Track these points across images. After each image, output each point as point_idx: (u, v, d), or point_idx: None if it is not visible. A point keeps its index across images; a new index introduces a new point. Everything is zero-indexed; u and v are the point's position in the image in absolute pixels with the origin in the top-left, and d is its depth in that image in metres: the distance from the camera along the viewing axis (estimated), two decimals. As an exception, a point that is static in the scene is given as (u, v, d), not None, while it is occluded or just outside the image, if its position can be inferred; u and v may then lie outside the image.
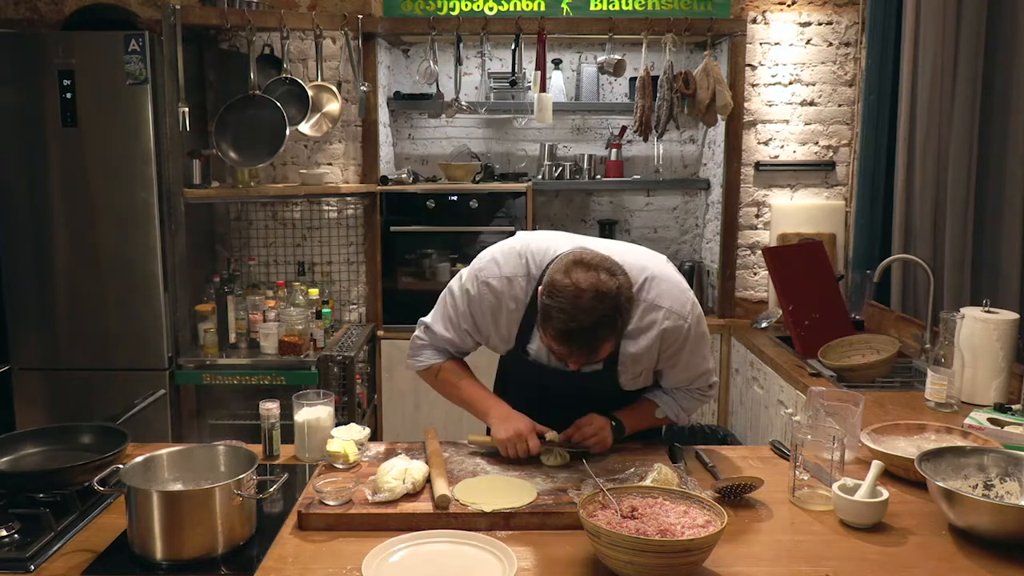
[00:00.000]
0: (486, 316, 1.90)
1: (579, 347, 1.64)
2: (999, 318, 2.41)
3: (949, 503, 1.52)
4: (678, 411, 2.01)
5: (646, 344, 1.83)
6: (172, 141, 3.37)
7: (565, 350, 1.67)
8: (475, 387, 2.00)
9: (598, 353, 1.68)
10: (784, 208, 3.91)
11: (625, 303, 1.66)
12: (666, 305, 1.82)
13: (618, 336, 1.70)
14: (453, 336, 1.96)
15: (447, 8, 3.79)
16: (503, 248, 1.92)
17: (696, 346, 1.89)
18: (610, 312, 1.62)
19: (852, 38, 3.81)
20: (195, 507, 1.44)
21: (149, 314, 3.41)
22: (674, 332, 1.83)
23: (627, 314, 1.68)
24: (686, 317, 1.83)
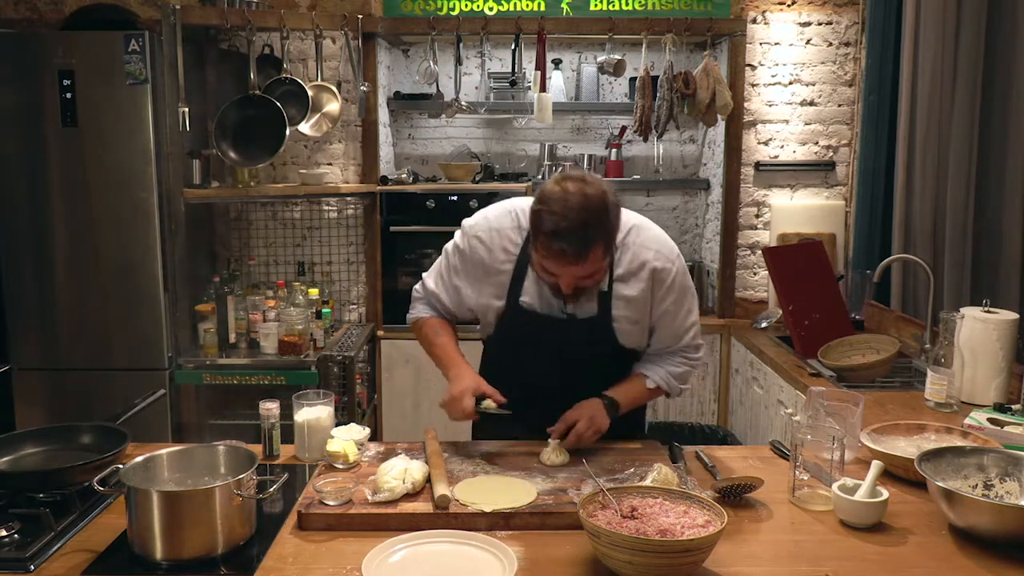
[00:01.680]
0: (478, 270, 1.96)
1: (570, 244, 1.67)
2: (999, 318, 2.41)
3: (949, 503, 1.52)
4: (668, 380, 2.01)
5: (639, 287, 1.90)
6: (172, 141, 3.37)
7: (557, 250, 1.68)
8: (449, 347, 2.03)
9: (588, 256, 1.69)
10: (784, 208, 3.91)
11: (612, 207, 1.73)
12: (654, 247, 1.91)
13: (607, 243, 1.73)
14: (443, 294, 2.04)
15: (447, 8, 3.79)
16: (495, 207, 2.00)
17: (682, 296, 1.96)
18: (598, 211, 1.69)
19: (852, 38, 3.81)
20: (195, 507, 1.44)
21: (149, 314, 3.41)
22: (663, 274, 1.90)
23: (615, 219, 1.74)
24: (673, 261, 1.93)
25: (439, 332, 2.05)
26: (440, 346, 2.03)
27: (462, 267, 1.99)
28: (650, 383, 2.01)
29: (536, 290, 1.91)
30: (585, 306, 1.91)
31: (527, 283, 1.92)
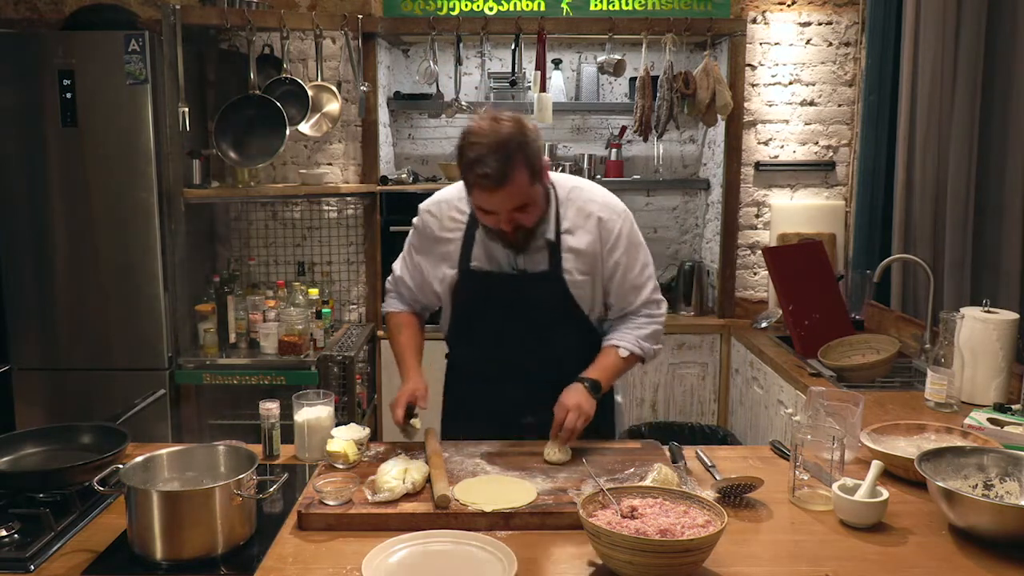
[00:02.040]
0: (431, 243, 2.03)
1: (490, 167, 1.73)
2: (999, 318, 2.41)
3: (949, 503, 1.52)
4: (639, 343, 2.01)
5: (587, 238, 1.95)
6: (172, 141, 3.37)
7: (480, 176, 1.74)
8: (405, 347, 2.09)
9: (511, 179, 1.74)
10: (784, 208, 3.91)
11: (531, 135, 1.79)
12: (600, 201, 1.99)
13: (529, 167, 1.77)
14: (406, 276, 2.12)
15: (447, 8, 3.79)
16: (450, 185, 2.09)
17: (634, 249, 2.01)
18: (514, 135, 1.76)
19: (852, 38, 3.81)
20: (195, 507, 1.44)
21: (149, 314, 3.41)
22: (609, 223, 1.97)
23: (535, 146, 1.80)
24: (620, 214, 1.99)
25: (401, 330, 2.13)
26: (399, 344, 2.11)
27: (419, 243, 2.08)
28: (623, 351, 2.00)
29: (485, 253, 1.97)
30: (535, 259, 1.95)
31: (476, 249, 1.98)
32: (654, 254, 4.42)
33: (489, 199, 1.79)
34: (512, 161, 1.75)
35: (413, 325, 2.15)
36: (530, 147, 1.79)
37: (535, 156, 1.80)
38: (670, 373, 3.84)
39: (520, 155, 1.76)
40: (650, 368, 3.82)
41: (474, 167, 1.75)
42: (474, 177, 1.76)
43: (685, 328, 3.85)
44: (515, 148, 1.75)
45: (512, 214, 1.82)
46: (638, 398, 3.86)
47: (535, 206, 1.86)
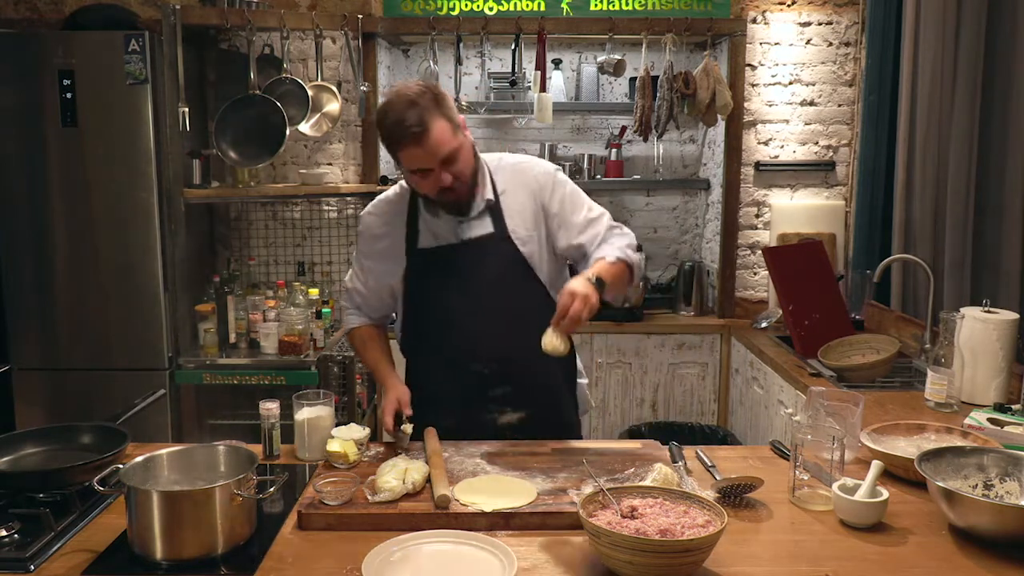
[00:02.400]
0: (376, 240, 2.08)
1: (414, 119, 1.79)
2: (999, 318, 2.41)
3: (949, 503, 1.52)
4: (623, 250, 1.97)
5: (523, 193, 2.01)
6: (172, 141, 3.37)
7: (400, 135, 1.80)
8: (377, 355, 2.13)
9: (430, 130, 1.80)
10: (784, 208, 3.91)
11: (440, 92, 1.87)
12: (528, 160, 2.09)
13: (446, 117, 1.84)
14: (359, 284, 2.15)
15: (447, 8, 3.79)
16: None
17: (574, 194, 2.05)
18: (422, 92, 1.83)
19: (852, 38, 3.81)
20: (195, 507, 1.44)
21: (149, 314, 3.41)
22: (543, 176, 2.04)
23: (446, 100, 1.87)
24: (550, 167, 2.07)
25: (367, 343, 2.16)
26: (369, 357, 2.15)
27: (366, 246, 2.12)
28: (609, 257, 1.94)
29: (430, 232, 2.01)
30: (479, 226, 1.99)
31: (421, 232, 2.02)
32: (654, 254, 4.47)
33: (418, 153, 1.83)
34: (429, 111, 1.81)
35: (377, 336, 2.18)
36: (442, 100, 1.86)
37: (449, 108, 1.87)
38: (670, 373, 3.85)
39: (434, 106, 1.83)
40: (650, 368, 3.83)
41: (396, 127, 1.81)
42: (399, 136, 1.82)
43: (685, 328, 3.85)
44: (428, 100, 1.82)
45: (445, 169, 1.86)
46: (638, 398, 3.86)
47: (464, 156, 1.90)
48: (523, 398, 2.04)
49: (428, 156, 1.83)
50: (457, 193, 1.91)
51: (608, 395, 3.85)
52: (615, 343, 3.81)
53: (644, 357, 3.82)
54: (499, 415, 2.04)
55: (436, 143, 1.82)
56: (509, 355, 2.00)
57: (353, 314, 2.20)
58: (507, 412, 2.04)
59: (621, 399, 3.86)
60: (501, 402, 2.03)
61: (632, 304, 3.82)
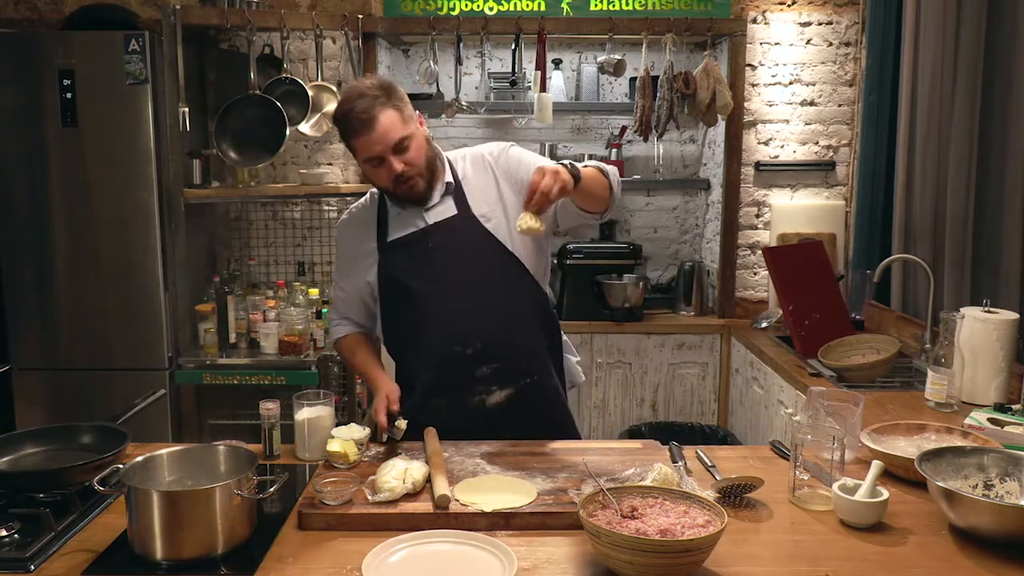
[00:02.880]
0: (352, 244, 2.13)
1: (362, 107, 1.87)
2: (999, 318, 2.41)
3: (949, 503, 1.52)
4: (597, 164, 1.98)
5: (481, 174, 2.07)
6: (172, 141, 3.37)
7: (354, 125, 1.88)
8: (366, 359, 2.16)
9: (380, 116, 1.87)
10: (784, 208, 3.91)
11: (393, 84, 1.95)
12: (486, 147, 2.13)
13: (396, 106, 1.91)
14: (342, 291, 2.19)
15: (447, 8, 3.79)
16: None
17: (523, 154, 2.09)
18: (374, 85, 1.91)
19: (852, 38, 3.81)
20: (195, 507, 1.44)
21: (149, 314, 3.41)
22: (494, 149, 2.10)
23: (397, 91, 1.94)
24: (505, 143, 2.13)
25: (354, 350, 2.19)
26: (358, 363, 2.17)
27: (343, 253, 2.19)
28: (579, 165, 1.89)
29: (399, 224, 2.06)
30: (444, 210, 2.04)
31: (391, 226, 2.07)
32: (654, 254, 4.47)
33: (369, 140, 1.89)
34: (378, 100, 1.88)
35: (364, 342, 2.20)
36: (393, 92, 1.92)
37: (400, 100, 1.93)
38: (670, 373, 3.85)
39: (383, 98, 1.89)
40: (650, 368, 3.83)
41: (347, 117, 1.88)
42: (349, 126, 1.89)
43: (685, 328, 3.85)
44: (378, 92, 1.90)
45: (397, 157, 1.91)
46: (638, 398, 3.86)
47: (416, 145, 1.94)
48: (508, 374, 2.03)
49: (377, 143, 1.89)
50: (412, 183, 1.96)
51: (608, 395, 3.85)
52: (615, 343, 3.81)
53: (644, 357, 3.83)
54: (486, 396, 2.03)
55: (384, 130, 1.88)
56: (489, 334, 2.01)
57: (339, 324, 2.23)
58: (494, 392, 2.03)
59: (621, 399, 3.86)
60: (487, 382, 2.03)
61: (632, 304, 3.82)
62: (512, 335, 2.03)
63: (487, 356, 2.01)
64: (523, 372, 2.05)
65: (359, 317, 2.21)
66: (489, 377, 2.02)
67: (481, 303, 2.01)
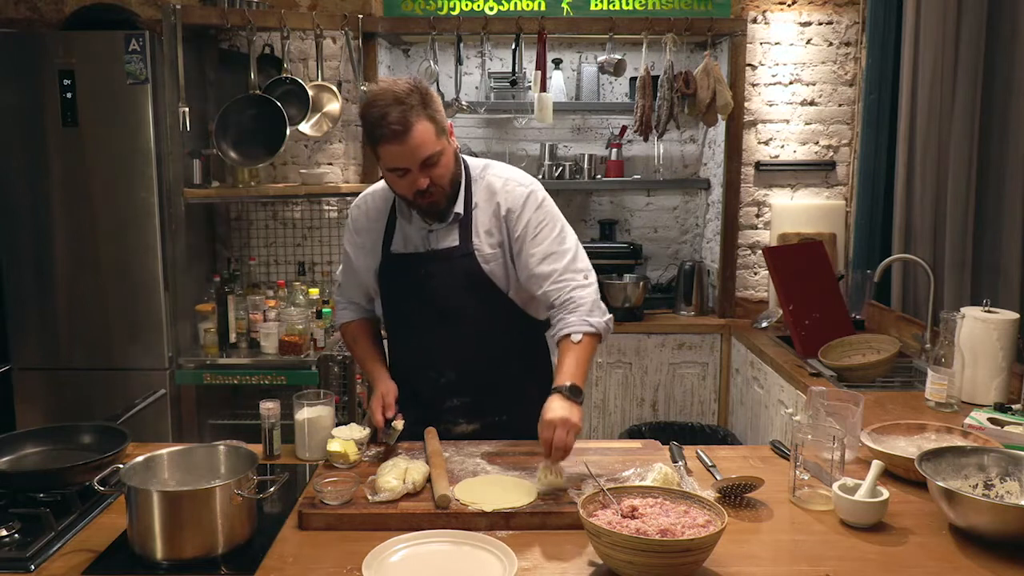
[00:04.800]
0: (360, 235, 2.06)
1: (397, 116, 1.75)
2: (999, 318, 2.41)
3: (949, 503, 1.52)
4: (586, 319, 1.88)
5: (490, 209, 1.95)
6: (172, 141, 3.37)
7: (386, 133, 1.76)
8: (366, 351, 2.13)
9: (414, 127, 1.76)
10: (784, 208, 3.91)
11: (426, 88, 1.83)
12: (506, 175, 1.99)
13: (430, 117, 1.80)
14: (347, 278, 2.15)
15: (447, 8, 3.79)
16: None
17: (545, 215, 1.95)
18: (409, 89, 1.79)
19: (852, 38, 3.81)
20: (195, 507, 1.44)
21: (149, 314, 3.42)
22: (515, 194, 1.95)
23: (433, 97, 1.83)
24: (526, 184, 1.98)
25: (356, 339, 2.15)
26: (358, 354, 2.15)
27: (350, 239, 2.10)
28: (575, 336, 1.85)
29: (403, 237, 2.00)
30: (447, 237, 1.97)
31: (396, 235, 2.01)
32: (654, 254, 4.46)
33: (399, 152, 1.78)
34: (414, 111, 1.77)
35: (367, 332, 2.17)
36: (431, 101, 1.81)
37: (437, 110, 1.83)
38: (670, 373, 3.85)
39: (420, 106, 1.78)
40: (650, 368, 3.83)
41: (379, 124, 1.77)
42: (380, 133, 1.77)
43: (685, 328, 3.85)
44: (416, 100, 1.78)
45: (424, 172, 1.82)
46: (638, 398, 3.86)
47: (446, 161, 1.85)
48: (477, 410, 2.04)
49: (407, 156, 1.79)
50: (432, 198, 1.87)
51: (608, 395, 3.85)
52: (615, 343, 3.81)
53: (644, 357, 3.82)
54: (453, 426, 2.04)
55: (417, 144, 1.78)
56: (466, 370, 2.00)
57: (344, 308, 2.19)
58: (460, 424, 2.04)
59: (621, 399, 3.86)
60: (456, 413, 2.03)
61: (632, 304, 3.82)
62: (488, 374, 2.01)
63: (459, 390, 2.02)
64: (494, 410, 2.04)
65: (365, 301, 2.17)
66: (458, 409, 2.03)
67: (464, 339, 1.98)
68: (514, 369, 2.05)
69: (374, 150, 1.84)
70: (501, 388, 2.03)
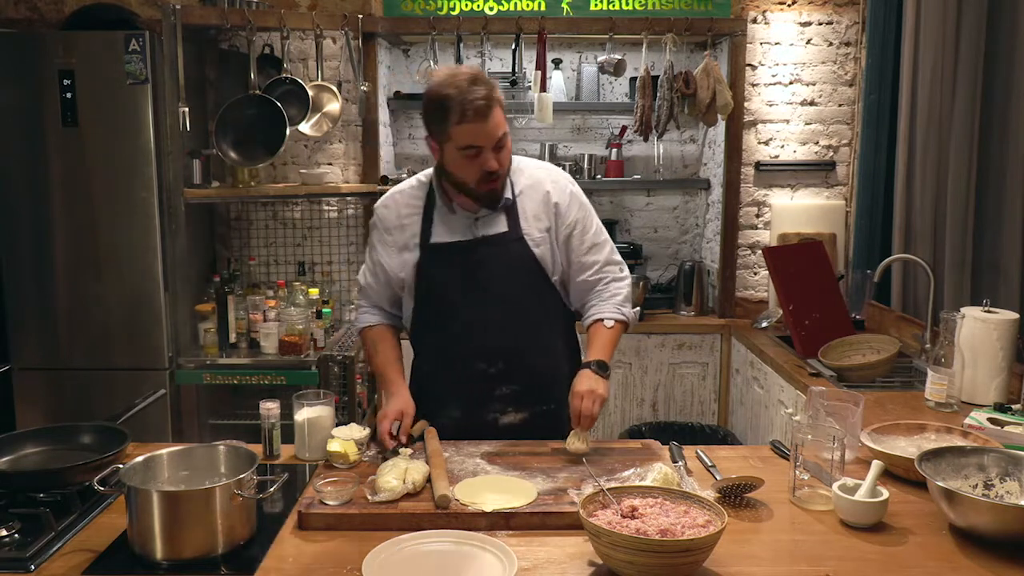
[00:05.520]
0: (389, 233, 2.05)
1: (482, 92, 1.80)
2: (999, 318, 2.41)
3: (949, 503, 1.52)
4: (620, 308, 2.04)
5: (539, 200, 2.01)
6: (172, 141, 3.37)
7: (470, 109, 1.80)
8: (387, 359, 2.09)
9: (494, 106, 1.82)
10: (784, 208, 3.91)
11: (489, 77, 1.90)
12: (545, 167, 2.11)
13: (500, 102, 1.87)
14: (372, 279, 2.12)
15: (447, 8, 3.79)
16: None
17: (587, 211, 2.08)
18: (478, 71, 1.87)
19: (852, 38, 3.81)
20: (195, 507, 1.44)
21: (149, 314, 3.41)
22: (560, 188, 2.04)
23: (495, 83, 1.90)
24: (567, 178, 2.09)
25: (377, 346, 2.12)
26: (378, 360, 2.11)
27: (377, 239, 2.09)
28: (608, 322, 2.02)
29: (445, 227, 2.00)
30: (493, 224, 1.99)
31: (436, 226, 2.01)
32: (654, 254, 4.45)
33: (479, 130, 1.83)
34: (492, 92, 1.83)
35: (389, 339, 2.14)
36: (496, 85, 1.88)
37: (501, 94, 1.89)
38: (670, 373, 3.85)
39: (494, 90, 1.85)
40: (650, 368, 3.83)
41: (462, 101, 1.80)
42: (458, 110, 1.80)
43: (685, 328, 3.85)
44: (490, 82, 1.85)
45: (494, 154, 1.86)
46: (638, 398, 3.86)
47: (509, 145, 1.92)
48: (527, 398, 2.04)
49: (486, 135, 1.84)
50: (496, 183, 1.91)
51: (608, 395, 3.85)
52: (615, 343, 3.80)
53: (644, 357, 3.82)
54: (501, 415, 2.04)
55: (496, 123, 1.84)
56: (516, 354, 2.01)
57: (367, 312, 2.16)
58: (509, 412, 2.04)
59: (621, 399, 3.86)
60: (505, 402, 2.03)
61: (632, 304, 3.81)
62: (537, 361, 2.02)
63: (509, 377, 2.02)
64: (542, 399, 2.05)
65: (389, 306, 2.15)
66: (507, 397, 2.03)
67: (514, 325, 2.00)
68: (560, 356, 2.08)
69: (444, 132, 1.86)
70: (547, 376, 2.04)
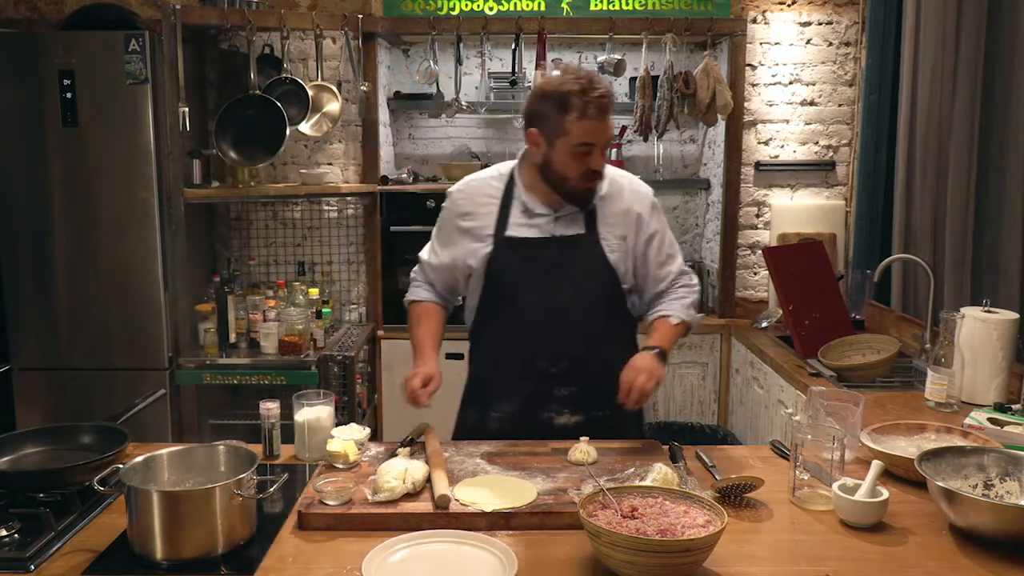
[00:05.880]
0: (462, 220, 2.05)
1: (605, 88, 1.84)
2: (999, 318, 2.41)
3: (949, 503, 1.52)
4: (687, 311, 2.07)
5: (620, 206, 2.03)
6: (172, 141, 3.37)
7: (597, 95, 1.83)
8: (424, 337, 2.07)
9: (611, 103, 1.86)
10: (784, 208, 3.91)
11: None
12: (627, 175, 2.12)
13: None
14: (433, 258, 2.12)
15: (447, 8, 3.79)
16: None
17: (664, 224, 2.11)
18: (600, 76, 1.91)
19: (852, 38, 3.81)
20: (195, 507, 1.44)
21: (149, 314, 3.41)
22: (641, 199, 2.07)
23: None
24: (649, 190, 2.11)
25: (421, 320, 2.12)
26: (417, 336, 2.09)
27: (448, 224, 2.09)
28: (674, 319, 2.04)
29: (520, 222, 2.01)
30: (571, 226, 2.00)
31: (512, 219, 2.01)
32: (654, 254, 4.41)
33: (597, 127, 1.86)
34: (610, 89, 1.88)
35: (436, 316, 2.13)
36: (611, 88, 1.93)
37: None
38: (670, 373, 3.84)
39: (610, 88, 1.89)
40: (650, 368, 3.82)
41: (587, 96, 1.82)
42: (581, 106, 1.82)
43: (685, 328, 3.84)
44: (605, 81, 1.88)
45: (602, 152, 1.90)
46: (638, 398, 3.85)
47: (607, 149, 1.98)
48: (584, 401, 2.03)
49: (602, 133, 1.87)
50: (596, 183, 1.95)
51: (608, 395, 3.85)
52: (615, 343, 3.80)
53: (644, 357, 3.82)
54: (557, 416, 2.03)
55: (610, 124, 1.90)
56: (580, 356, 2.00)
57: (420, 287, 2.17)
58: (565, 414, 2.03)
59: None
60: (562, 402, 2.03)
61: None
62: (600, 365, 2.00)
63: (570, 378, 2.02)
64: (599, 403, 2.03)
65: (443, 288, 2.16)
66: (565, 399, 2.03)
67: (581, 326, 2.00)
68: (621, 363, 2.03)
69: (560, 126, 1.87)
70: (607, 382, 1.99)
